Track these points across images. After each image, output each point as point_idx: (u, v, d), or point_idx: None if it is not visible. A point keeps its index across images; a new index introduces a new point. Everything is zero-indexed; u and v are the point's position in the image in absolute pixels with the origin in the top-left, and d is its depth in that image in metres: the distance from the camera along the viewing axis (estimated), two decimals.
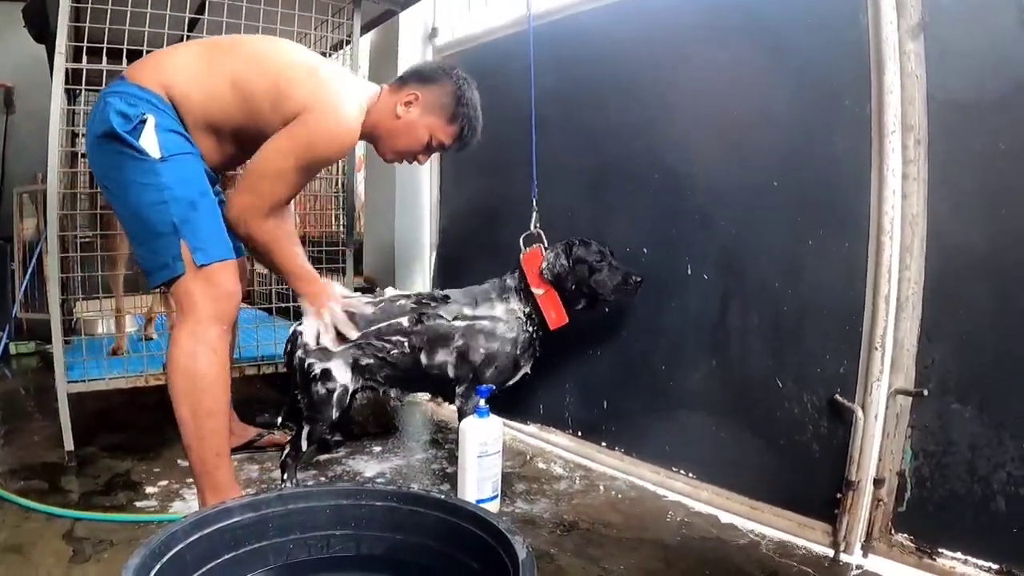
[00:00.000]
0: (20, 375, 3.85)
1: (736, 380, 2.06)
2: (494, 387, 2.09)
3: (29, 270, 4.11)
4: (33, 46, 2.23)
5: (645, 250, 2.28)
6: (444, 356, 2.17)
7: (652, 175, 2.27)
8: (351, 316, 2.12)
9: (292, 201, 2.08)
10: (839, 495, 1.79)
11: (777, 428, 1.95)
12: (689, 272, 2.16)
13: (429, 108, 2.02)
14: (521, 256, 2.26)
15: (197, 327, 1.81)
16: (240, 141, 2.00)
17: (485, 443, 1.95)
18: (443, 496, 1.48)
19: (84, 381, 2.39)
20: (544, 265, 2.18)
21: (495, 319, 2.19)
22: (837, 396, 1.80)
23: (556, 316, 2.18)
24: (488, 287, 2.27)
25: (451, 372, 2.18)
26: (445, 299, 2.23)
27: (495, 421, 2.00)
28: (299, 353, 2.12)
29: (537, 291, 2.18)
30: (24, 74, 2.23)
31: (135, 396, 2.46)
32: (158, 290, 2.38)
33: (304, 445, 2.12)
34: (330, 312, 2.09)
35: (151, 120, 1.78)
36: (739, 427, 2.05)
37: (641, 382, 2.32)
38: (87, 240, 2.79)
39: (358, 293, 2.30)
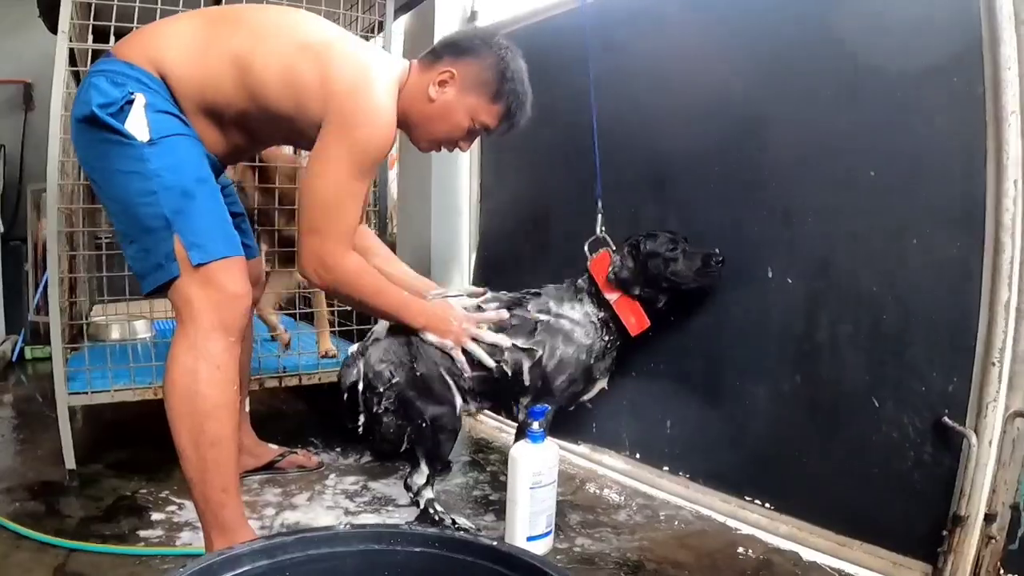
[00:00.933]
0: (35, 380, 3.72)
1: (824, 399, 1.82)
2: (555, 406, 1.83)
3: (46, 272, 3.95)
4: (52, 42, 2.08)
5: (718, 251, 2.02)
6: (520, 355, 1.92)
7: (726, 167, 2.04)
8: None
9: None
10: (944, 532, 1.57)
11: (872, 454, 1.72)
12: (770, 276, 1.92)
13: (468, 86, 1.77)
14: (588, 263, 2.03)
15: (197, 339, 1.54)
16: (247, 128, 1.76)
17: (539, 473, 1.69)
18: (494, 542, 1.24)
19: (87, 393, 2.19)
20: (611, 270, 1.95)
21: (573, 321, 1.95)
22: (945, 418, 1.58)
23: (636, 321, 1.96)
24: (562, 287, 2.04)
25: (526, 377, 1.92)
26: (536, 294, 2.01)
27: (551, 448, 1.74)
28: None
29: (611, 296, 1.95)
30: (43, 70, 2.07)
31: (149, 404, 2.23)
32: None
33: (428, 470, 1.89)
34: (471, 343, 1.85)
35: (140, 99, 1.53)
36: (826, 452, 1.82)
37: (711, 399, 2.08)
38: (110, 239, 2.58)
39: (465, 295, 2.02)
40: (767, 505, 1.93)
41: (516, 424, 2.00)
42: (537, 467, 1.70)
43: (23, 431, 2.77)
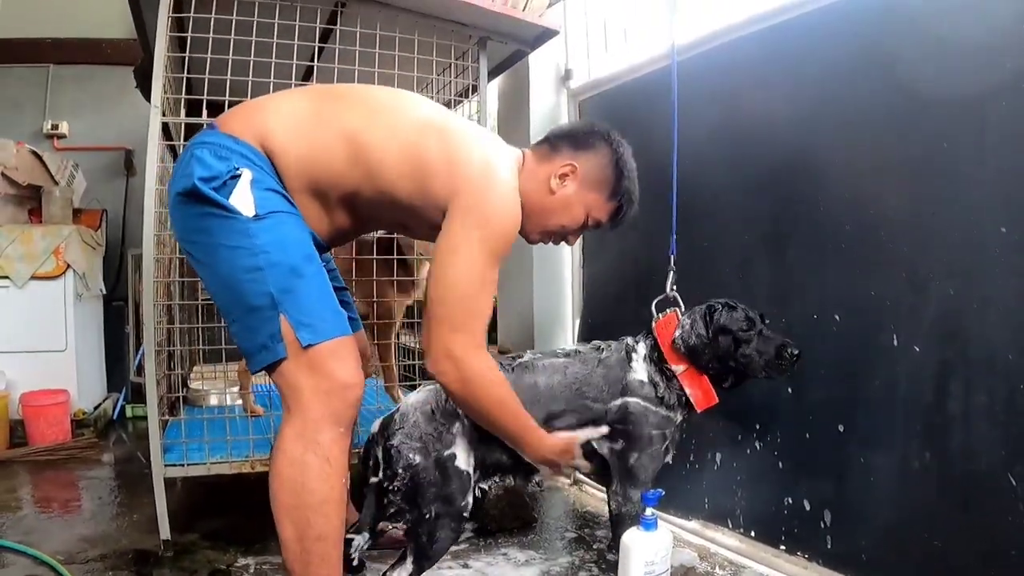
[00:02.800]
0: (135, 439, 3.79)
1: (956, 475, 1.68)
2: (662, 492, 1.71)
3: None
4: (149, 108, 2.14)
5: (837, 316, 1.91)
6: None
7: (843, 224, 1.92)
8: None
9: None
10: None
11: (1008, 536, 1.57)
12: (895, 343, 1.78)
13: (588, 182, 1.75)
14: (654, 323, 1.92)
15: (306, 429, 1.49)
16: (354, 209, 1.71)
17: (652, 563, 1.59)
18: None
19: (183, 465, 2.17)
20: (677, 334, 1.82)
21: (639, 390, 1.83)
22: None
23: (704, 396, 1.83)
24: (618, 352, 1.92)
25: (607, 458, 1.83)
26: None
27: (664, 534, 1.63)
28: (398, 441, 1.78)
29: (677, 368, 1.83)
30: (143, 137, 2.10)
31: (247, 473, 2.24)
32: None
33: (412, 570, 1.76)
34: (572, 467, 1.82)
35: (247, 174, 1.50)
36: (958, 533, 1.66)
37: (833, 474, 1.93)
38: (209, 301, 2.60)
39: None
40: None
41: None
42: (650, 556, 1.60)
43: (121, 493, 2.80)
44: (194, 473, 2.18)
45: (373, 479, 1.81)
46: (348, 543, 1.79)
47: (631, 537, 1.62)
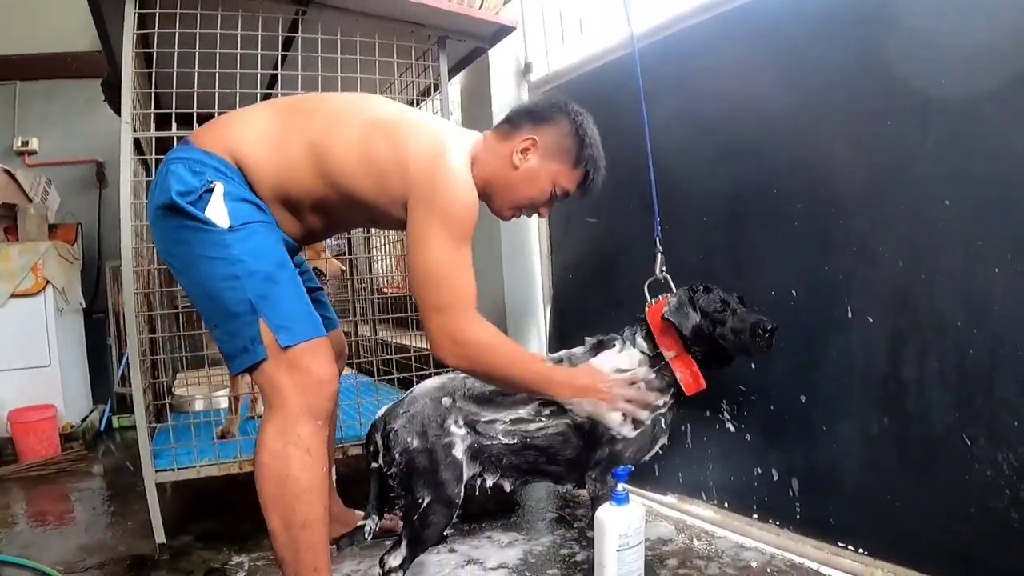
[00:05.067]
0: (123, 449, 3.82)
1: (913, 439, 1.74)
2: (632, 467, 1.78)
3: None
4: (120, 122, 2.17)
5: (794, 292, 1.96)
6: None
7: (796, 203, 1.97)
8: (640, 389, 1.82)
9: None
10: None
11: (966, 494, 1.63)
12: (849, 315, 1.85)
13: (550, 152, 1.79)
14: (647, 308, 1.94)
15: (286, 423, 1.56)
16: (325, 213, 1.78)
17: (626, 535, 1.64)
18: None
19: (173, 470, 2.22)
20: (665, 312, 1.84)
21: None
22: None
23: (692, 381, 1.84)
24: (617, 344, 1.94)
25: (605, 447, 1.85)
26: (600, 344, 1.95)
27: (636, 508, 1.69)
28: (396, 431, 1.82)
29: (668, 353, 1.85)
30: (114, 149, 2.13)
31: (237, 474, 2.29)
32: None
33: (407, 554, 1.81)
34: (623, 397, 1.77)
35: (219, 187, 1.57)
36: (919, 494, 1.73)
37: (797, 445, 2.00)
38: (189, 309, 2.65)
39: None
40: (861, 551, 1.85)
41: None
42: (623, 529, 1.65)
43: (113, 503, 2.84)
44: (185, 477, 2.22)
45: (374, 464, 1.86)
46: (359, 529, 1.88)
47: (604, 512, 1.67)
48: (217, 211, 1.55)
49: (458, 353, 1.66)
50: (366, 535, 1.86)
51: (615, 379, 1.80)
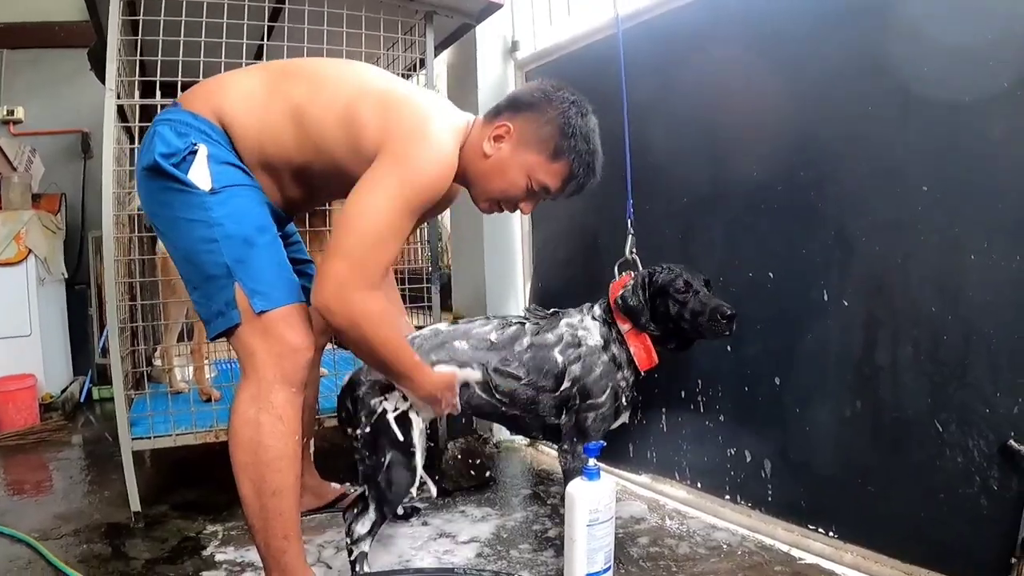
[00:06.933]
0: (103, 421, 3.81)
1: (886, 424, 1.76)
2: (603, 443, 1.78)
3: None
4: (104, 90, 2.15)
5: (771, 275, 1.98)
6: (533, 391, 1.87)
7: (775, 186, 1.98)
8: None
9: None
10: (1012, 559, 1.51)
11: (936, 480, 1.66)
12: (825, 299, 1.86)
13: (524, 142, 1.68)
14: (611, 284, 1.94)
15: (259, 390, 1.55)
16: (306, 182, 1.75)
17: (596, 510, 1.65)
18: None
19: (150, 438, 2.22)
20: (618, 296, 1.86)
21: (592, 349, 1.87)
22: (1011, 442, 1.52)
23: (645, 356, 1.85)
24: (575, 314, 1.94)
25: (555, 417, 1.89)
26: (556, 314, 1.95)
27: (607, 483, 1.70)
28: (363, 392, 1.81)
29: (623, 326, 1.86)
30: (99, 119, 2.12)
31: (215, 444, 2.29)
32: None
33: (376, 518, 1.80)
34: (448, 406, 1.78)
35: (203, 150, 1.55)
36: (890, 479, 1.75)
37: (770, 427, 2.02)
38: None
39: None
40: (831, 533, 1.88)
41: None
42: (594, 504, 1.66)
43: (91, 472, 2.85)
44: (161, 445, 2.23)
45: (349, 430, 1.85)
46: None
47: (575, 487, 1.68)
48: (200, 173, 1.54)
49: (339, 311, 1.51)
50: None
51: (452, 393, 1.78)
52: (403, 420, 1.77)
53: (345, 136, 1.61)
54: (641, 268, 1.99)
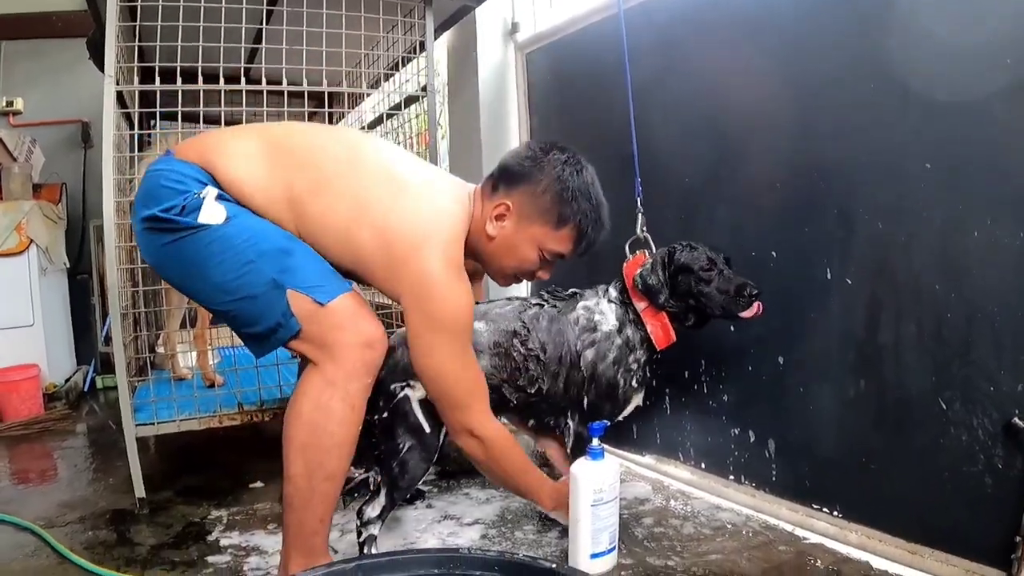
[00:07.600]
0: (107, 409, 3.82)
1: (889, 403, 1.75)
2: (608, 422, 1.79)
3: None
4: (103, 80, 2.15)
5: (773, 254, 1.97)
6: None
7: (778, 165, 1.98)
8: None
9: None
10: (1018, 537, 1.50)
11: (940, 459, 1.65)
12: (828, 277, 1.85)
13: (525, 216, 1.67)
14: (625, 264, 1.95)
15: (338, 375, 1.53)
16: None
17: (600, 490, 1.66)
18: (553, 564, 1.23)
19: (153, 424, 2.22)
20: (638, 273, 1.86)
21: (607, 334, 1.88)
22: (1016, 420, 1.51)
23: (662, 335, 1.87)
24: (591, 296, 1.96)
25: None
26: (574, 296, 1.95)
27: (611, 464, 1.70)
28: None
29: (639, 305, 1.87)
30: (98, 109, 2.11)
31: (219, 430, 2.29)
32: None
33: (386, 502, 1.80)
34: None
35: (211, 192, 1.55)
36: (895, 458, 1.75)
37: (773, 407, 2.02)
38: None
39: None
40: (836, 513, 1.87)
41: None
42: (598, 484, 1.66)
43: (96, 460, 2.86)
44: (165, 431, 2.22)
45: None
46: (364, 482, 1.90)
47: (579, 467, 1.68)
48: (211, 212, 1.53)
49: (478, 448, 1.67)
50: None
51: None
52: (427, 405, 1.76)
53: (346, 251, 1.63)
54: (652, 246, 2.00)
